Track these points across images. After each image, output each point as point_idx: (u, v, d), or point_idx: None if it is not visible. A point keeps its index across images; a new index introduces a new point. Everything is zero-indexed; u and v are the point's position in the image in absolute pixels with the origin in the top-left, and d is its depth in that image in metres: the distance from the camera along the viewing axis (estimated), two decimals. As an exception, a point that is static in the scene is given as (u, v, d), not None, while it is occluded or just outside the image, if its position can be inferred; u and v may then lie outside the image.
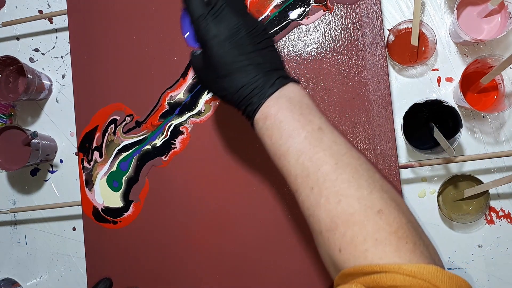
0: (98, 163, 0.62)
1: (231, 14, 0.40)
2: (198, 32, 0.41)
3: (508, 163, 0.57)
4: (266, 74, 0.40)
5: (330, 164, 0.37)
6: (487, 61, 0.53)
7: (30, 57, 0.69)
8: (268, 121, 0.39)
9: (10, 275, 0.69)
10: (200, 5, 0.40)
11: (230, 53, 0.40)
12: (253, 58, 0.40)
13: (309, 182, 0.37)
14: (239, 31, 0.40)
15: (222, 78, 0.41)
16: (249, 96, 0.40)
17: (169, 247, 0.60)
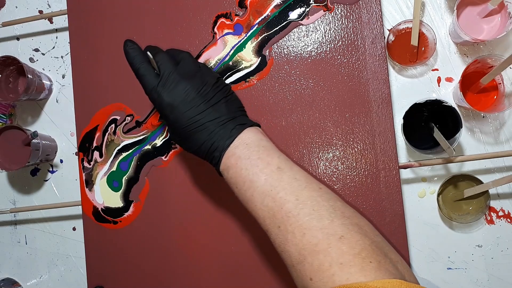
0: (98, 163, 0.62)
1: (180, 81, 0.44)
2: (154, 102, 0.45)
3: (508, 163, 0.57)
4: (223, 127, 0.43)
5: (291, 201, 0.39)
6: (487, 61, 0.53)
7: (30, 57, 0.69)
8: (231, 170, 0.43)
9: (10, 275, 0.69)
10: (152, 78, 0.44)
11: (185, 116, 0.43)
12: (208, 115, 0.43)
13: (275, 222, 0.40)
14: (188, 95, 0.43)
15: (184, 140, 0.45)
16: (210, 151, 0.43)
17: (169, 247, 0.60)
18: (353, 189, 0.56)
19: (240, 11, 0.59)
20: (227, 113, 0.44)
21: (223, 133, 0.43)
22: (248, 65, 0.59)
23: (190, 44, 0.60)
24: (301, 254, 0.38)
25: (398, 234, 0.54)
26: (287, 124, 0.57)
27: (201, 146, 0.43)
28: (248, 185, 0.41)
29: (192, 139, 0.44)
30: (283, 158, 0.43)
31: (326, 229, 0.38)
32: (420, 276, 0.58)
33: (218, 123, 0.43)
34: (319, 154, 0.57)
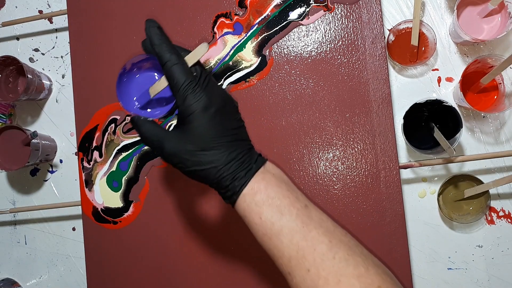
0: (98, 163, 0.62)
1: (218, 87, 0.38)
2: (184, 100, 0.37)
3: (508, 163, 0.57)
4: (249, 151, 0.39)
5: (325, 243, 0.35)
6: (487, 61, 0.53)
7: (30, 57, 0.69)
8: (258, 196, 0.37)
9: (10, 275, 0.69)
10: (188, 72, 0.37)
11: (218, 126, 0.37)
12: (237, 134, 0.38)
13: (305, 264, 0.35)
14: (226, 105, 0.38)
15: (205, 151, 0.37)
16: (236, 171, 0.37)
17: (169, 247, 0.60)
18: (353, 189, 0.56)
19: (240, 11, 0.59)
20: (249, 140, 0.40)
21: (250, 156, 0.38)
22: (248, 65, 0.59)
23: (190, 44, 0.60)
24: None
25: (398, 234, 0.54)
26: (287, 124, 0.57)
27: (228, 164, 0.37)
28: (278, 217, 0.36)
29: (217, 153, 0.37)
30: (306, 197, 0.39)
31: (363, 277, 0.34)
32: (420, 276, 0.58)
33: (246, 145, 0.39)
34: (319, 154, 0.57)
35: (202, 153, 0.37)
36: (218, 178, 0.38)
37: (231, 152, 0.37)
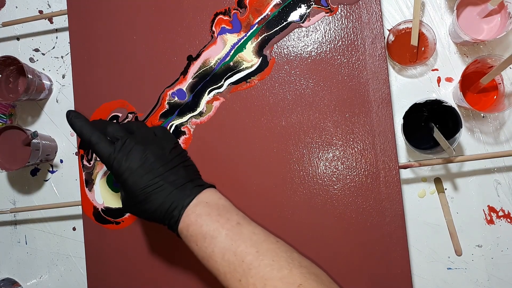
0: (98, 162, 0.62)
1: (137, 146, 0.45)
2: (111, 169, 0.46)
3: (508, 163, 0.57)
4: (181, 188, 0.45)
5: (252, 254, 0.41)
6: (487, 61, 0.53)
7: (30, 57, 0.69)
8: (191, 228, 0.44)
9: (10, 275, 0.69)
10: (106, 146, 0.45)
11: (144, 179, 0.44)
12: (166, 178, 0.45)
13: (236, 275, 0.41)
14: (147, 159, 0.45)
15: (141, 203, 0.45)
16: (169, 211, 0.45)
17: (171, 247, 0.60)
18: (353, 189, 0.56)
19: (240, 11, 0.59)
20: (185, 176, 0.46)
21: (182, 193, 0.45)
22: (249, 65, 0.59)
23: (190, 44, 0.60)
24: None
25: (398, 234, 0.54)
26: (287, 124, 0.57)
27: (159, 206, 0.44)
28: (209, 241, 0.43)
29: (150, 201, 0.45)
30: (241, 215, 0.46)
31: (286, 278, 0.39)
32: (420, 276, 0.58)
33: (177, 184, 0.45)
34: (319, 154, 0.57)
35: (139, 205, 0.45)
36: (159, 221, 0.46)
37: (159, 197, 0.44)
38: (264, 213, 0.58)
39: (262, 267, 0.40)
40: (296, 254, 0.44)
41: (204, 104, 0.60)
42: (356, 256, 0.55)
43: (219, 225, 0.43)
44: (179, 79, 0.60)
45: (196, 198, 0.45)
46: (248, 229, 0.44)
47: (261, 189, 0.58)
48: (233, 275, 0.41)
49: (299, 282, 0.39)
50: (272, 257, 0.41)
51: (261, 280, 0.40)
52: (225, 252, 0.42)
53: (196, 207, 0.45)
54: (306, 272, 0.41)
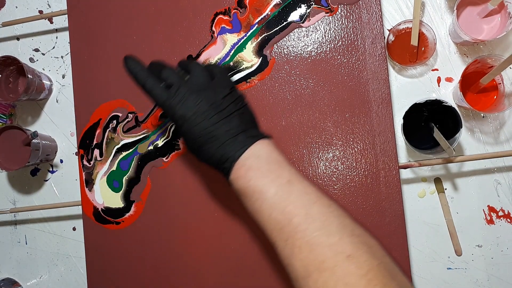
0: (98, 162, 0.62)
1: (191, 94, 0.44)
2: (167, 115, 0.45)
3: (508, 163, 0.57)
4: (234, 139, 0.43)
5: (301, 215, 0.39)
6: (487, 61, 0.53)
7: (30, 57, 0.69)
8: (240, 181, 0.42)
9: (10, 275, 0.69)
10: (161, 92, 0.45)
11: (197, 128, 0.43)
12: (220, 127, 0.43)
13: (283, 235, 0.39)
14: (200, 107, 0.44)
15: (195, 151, 0.45)
16: (221, 162, 0.44)
17: (170, 247, 0.60)
18: (353, 189, 0.56)
19: (240, 11, 0.59)
20: (239, 125, 0.44)
21: (234, 144, 0.43)
22: (249, 65, 0.59)
23: (190, 44, 0.60)
24: (307, 270, 0.37)
25: (398, 234, 0.54)
26: (287, 124, 0.57)
27: (212, 156, 0.44)
28: (257, 197, 0.41)
29: (204, 150, 0.44)
30: (294, 172, 0.43)
31: (335, 246, 0.37)
32: (420, 276, 0.58)
33: (230, 134, 0.43)
34: (319, 154, 0.57)
35: (196, 150, 0.45)
36: (213, 167, 0.45)
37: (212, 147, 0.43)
38: (264, 213, 0.58)
39: (309, 231, 0.38)
40: (349, 220, 0.40)
41: (204, 104, 0.60)
42: (356, 256, 0.55)
43: (269, 181, 0.41)
44: (179, 79, 0.60)
45: (248, 150, 0.43)
46: (299, 188, 0.41)
47: (261, 189, 0.58)
48: (280, 234, 0.39)
49: (349, 252, 0.36)
50: (322, 221, 0.38)
51: (307, 244, 0.37)
52: (272, 210, 0.40)
53: (246, 160, 0.43)
54: (357, 241, 0.38)
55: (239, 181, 0.43)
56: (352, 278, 0.35)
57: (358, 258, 0.36)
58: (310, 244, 0.37)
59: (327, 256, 0.36)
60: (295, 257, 0.38)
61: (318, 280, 0.36)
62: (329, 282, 0.35)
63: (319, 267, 0.36)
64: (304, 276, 0.37)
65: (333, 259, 0.36)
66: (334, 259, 0.36)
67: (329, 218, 0.39)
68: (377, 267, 0.36)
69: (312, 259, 0.37)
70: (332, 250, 0.37)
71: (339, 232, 0.38)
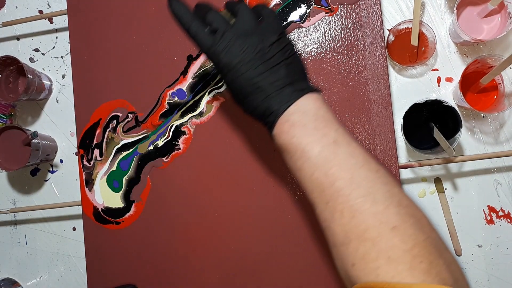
0: (98, 162, 0.62)
1: (236, 41, 0.41)
2: (212, 62, 0.43)
3: (508, 163, 0.57)
4: (280, 91, 0.40)
5: (345, 179, 0.36)
6: (487, 61, 0.53)
7: (30, 57, 0.69)
8: (282, 137, 0.40)
9: (10, 275, 0.69)
10: (206, 37, 0.42)
11: (242, 78, 0.41)
12: (266, 78, 0.40)
13: (324, 197, 0.37)
14: (246, 55, 0.40)
15: (240, 102, 0.43)
16: (265, 115, 0.41)
17: (170, 247, 0.60)
18: (353, 189, 0.56)
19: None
20: (286, 76, 0.41)
21: (280, 97, 0.40)
22: (248, 65, 0.59)
23: (190, 44, 0.60)
24: (347, 237, 0.35)
25: (398, 234, 0.54)
26: (287, 124, 0.57)
27: (257, 108, 0.41)
28: (299, 155, 0.38)
29: (248, 101, 0.41)
30: (342, 132, 0.39)
31: (379, 215, 0.34)
32: (420, 276, 0.58)
33: (276, 86, 0.40)
34: (319, 154, 0.57)
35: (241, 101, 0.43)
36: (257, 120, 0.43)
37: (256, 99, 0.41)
38: (264, 213, 0.58)
39: (353, 197, 0.35)
40: (397, 189, 0.37)
41: (204, 104, 0.60)
42: (356, 256, 0.55)
43: (313, 140, 0.38)
44: (179, 79, 0.60)
45: (294, 105, 0.40)
46: (345, 150, 0.38)
47: (261, 188, 0.58)
48: (321, 195, 0.37)
49: (394, 224, 0.33)
50: (368, 187, 0.35)
51: (349, 210, 0.35)
52: (315, 170, 0.37)
53: (291, 116, 0.39)
54: (404, 212, 0.34)
55: (282, 137, 0.40)
56: (396, 252, 0.32)
57: (404, 231, 0.33)
58: (353, 211, 0.35)
59: (369, 225, 0.34)
60: (335, 221, 0.36)
61: (358, 249, 0.34)
62: (371, 253, 0.33)
63: (361, 236, 0.34)
64: (343, 243, 0.35)
65: (376, 229, 0.33)
66: (377, 229, 0.33)
67: (375, 185, 0.36)
68: (423, 242, 0.33)
69: (354, 226, 0.34)
70: (376, 219, 0.34)
71: (386, 201, 0.35)
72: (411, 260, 0.32)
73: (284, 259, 0.57)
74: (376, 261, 0.32)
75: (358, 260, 0.34)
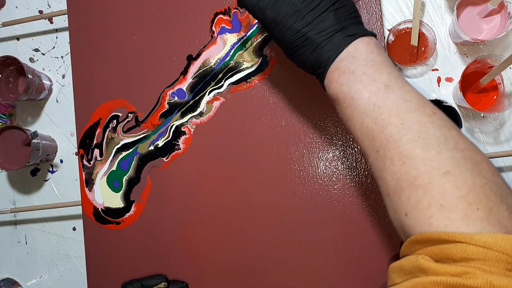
0: (98, 162, 0.62)
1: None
2: (260, 23, 0.42)
3: (508, 163, 0.57)
4: (330, 39, 0.39)
5: (395, 125, 0.34)
6: (487, 61, 0.53)
7: (30, 57, 0.69)
8: (332, 86, 0.39)
9: (10, 275, 0.69)
10: None
11: (290, 30, 0.39)
12: (314, 27, 0.39)
13: (374, 145, 0.36)
14: (292, 7, 0.39)
15: (290, 56, 0.41)
16: (315, 67, 0.40)
17: (170, 247, 0.60)
18: (353, 189, 0.56)
19: (240, 11, 0.59)
20: (335, 23, 0.39)
21: (330, 46, 0.38)
22: (249, 65, 0.59)
23: (190, 44, 0.60)
24: (399, 185, 0.33)
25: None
26: (287, 124, 0.57)
27: (307, 61, 0.40)
28: (349, 103, 0.37)
29: (298, 54, 0.40)
30: (394, 75, 0.37)
31: (430, 161, 0.32)
32: (420, 276, 0.58)
33: (325, 35, 0.39)
34: (319, 154, 0.57)
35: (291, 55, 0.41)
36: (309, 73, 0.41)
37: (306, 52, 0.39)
38: (264, 213, 0.58)
39: (403, 142, 0.33)
40: (455, 132, 0.34)
41: (205, 104, 0.60)
42: (356, 255, 0.55)
43: (362, 86, 0.36)
44: (179, 79, 0.60)
45: (344, 52, 0.38)
46: (397, 94, 0.36)
47: (261, 189, 0.58)
48: (371, 143, 0.36)
49: (447, 169, 0.31)
50: (420, 132, 0.33)
51: (399, 156, 0.33)
52: (364, 117, 0.36)
53: (341, 63, 0.38)
54: (460, 156, 0.32)
55: (331, 86, 0.39)
56: (449, 199, 0.30)
57: (458, 176, 0.31)
58: (403, 157, 0.33)
59: (420, 171, 0.32)
60: (387, 170, 0.35)
61: (410, 197, 0.32)
62: (423, 201, 0.31)
63: (412, 183, 0.32)
64: (395, 191, 0.34)
65: (427, 175, 0.32)
66: (428, 176, 0.32)
67: (428, 129, 0.34)
68: (481, 188, 0.31)
69: (404, 173, 0.33)
70: (427, 165, 0.32)
71: (439, 146, 0.33)
72: (466, 208, 0.30)
73: (284, 259, 0.57)
74: (429, 209, 0.31)
75: (411, 208, 0.32)
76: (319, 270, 0.56)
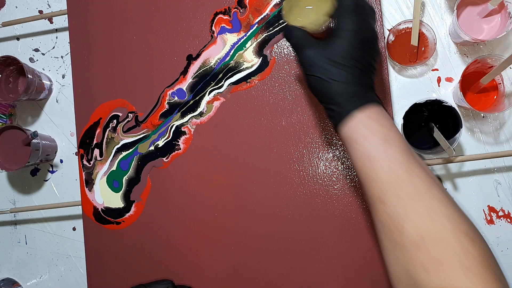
0: (98, 162, 0.62)
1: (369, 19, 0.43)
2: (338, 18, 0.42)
3: (508, 163, 0.57)
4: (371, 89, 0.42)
5: (423, 179, 0.36)
6: (487, 61, 0.53)
7: (30, 57, 0.69)
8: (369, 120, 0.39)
9: (10, 275, 0.69)
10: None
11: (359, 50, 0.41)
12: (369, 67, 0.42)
13: (397, 190, 0.36)
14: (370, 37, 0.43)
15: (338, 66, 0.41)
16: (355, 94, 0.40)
17: (170, 247, 0.60)
18: (353, 189, 0.56)
19: (240, 10, 0.59)
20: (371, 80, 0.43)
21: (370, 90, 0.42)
22: (250, 65, 0.59)
23: (190, 44, 0.60)
24: (421, 237, 0.34)
25: (398, 234, 0.54)
26: (287, 124, 0.57)
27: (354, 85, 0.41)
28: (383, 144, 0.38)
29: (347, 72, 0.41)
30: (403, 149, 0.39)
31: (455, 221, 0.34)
32: (420, 276, 0.58)
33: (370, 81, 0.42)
34: (319, 154, 0.57)
35: (334, 66, 0.40)
36: (336, 93, 0.40)
37: (358, 77, 0.40)
38: (264, 213, 0.58)
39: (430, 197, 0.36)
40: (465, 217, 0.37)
41: (205, 104, 0.60)
42: (356, 255, 0.55)
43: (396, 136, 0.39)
44: (179, 79, 0.60)
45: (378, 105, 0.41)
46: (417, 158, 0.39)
47: (261, 189, 0.58)
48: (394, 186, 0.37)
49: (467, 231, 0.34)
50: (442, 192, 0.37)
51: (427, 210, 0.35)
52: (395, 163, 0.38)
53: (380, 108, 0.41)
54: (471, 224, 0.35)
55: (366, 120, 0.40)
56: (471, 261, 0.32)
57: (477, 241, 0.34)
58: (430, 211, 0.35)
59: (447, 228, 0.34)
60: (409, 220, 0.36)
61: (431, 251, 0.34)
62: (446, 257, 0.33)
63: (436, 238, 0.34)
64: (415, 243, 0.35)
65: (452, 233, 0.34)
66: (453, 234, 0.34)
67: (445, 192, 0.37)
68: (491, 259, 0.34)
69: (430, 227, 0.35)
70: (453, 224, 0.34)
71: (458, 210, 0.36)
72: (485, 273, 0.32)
73: (285, 259, 0.57)
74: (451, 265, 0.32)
75: (432, 262, 0.33)
76: (319, 270, 0.56)
